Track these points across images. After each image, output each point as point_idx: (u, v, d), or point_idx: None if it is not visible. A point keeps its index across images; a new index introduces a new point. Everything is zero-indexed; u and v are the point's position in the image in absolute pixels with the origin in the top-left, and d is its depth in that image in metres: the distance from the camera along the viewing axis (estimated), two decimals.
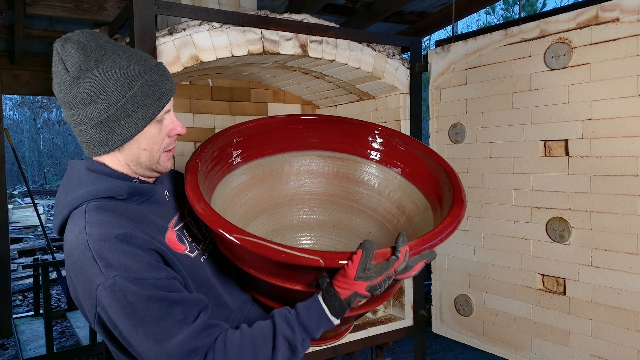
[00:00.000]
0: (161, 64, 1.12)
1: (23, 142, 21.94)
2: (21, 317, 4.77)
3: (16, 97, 20.38)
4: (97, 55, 1.02)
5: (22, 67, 4.74)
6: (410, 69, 2.94)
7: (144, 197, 1.13)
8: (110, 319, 0.97)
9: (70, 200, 1.07)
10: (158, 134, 1.10)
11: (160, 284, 0.99)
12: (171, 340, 0.96)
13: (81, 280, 0.99)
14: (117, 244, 0.98)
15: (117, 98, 1.02)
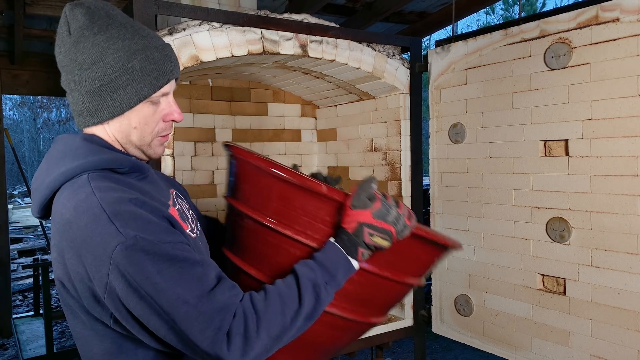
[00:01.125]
0: (169, 46, 1.08)
1: (23, 142, 21.94)
2: (21, 317, 4.76)
3: (16, 97, 20.38)
4: (103, 23, 0.99)
5: (22, 67, 4.74)
6: (410, 69, 2.93)
7: (142, 174, 1.08)
8: (129, 282, 0.88)
9: (64, 171, 0.98)
10: (151, 115, 1.05)
11: (178, 247, 0.94)
12: (200, 297, 0.91)
13: (90, 246, 0.89)
14: (133, 207, 0.92)
15: (113, 69, 0.98)
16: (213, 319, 0.91)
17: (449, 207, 2.76)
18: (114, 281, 0.88)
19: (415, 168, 3.00)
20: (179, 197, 1.20)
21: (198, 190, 3.63)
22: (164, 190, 1.14)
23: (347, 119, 3.40)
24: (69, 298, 0.99)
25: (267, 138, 3.63)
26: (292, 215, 1.17)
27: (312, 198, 1.15)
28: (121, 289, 0.89)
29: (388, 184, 3.10)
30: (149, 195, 1.01)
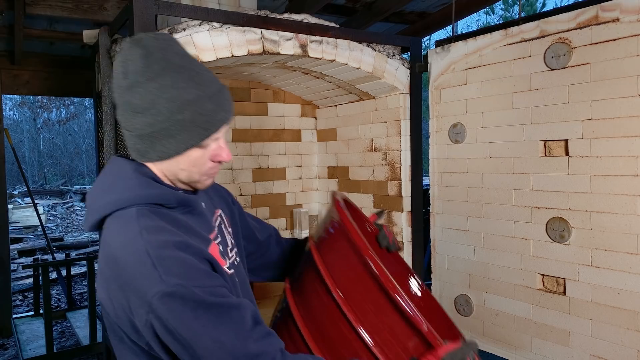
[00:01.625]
0: (224, 89, 1.08)
1: (23, 142, 21.93)
2: (21, 317, 4.76)
3: (16, 97, 20.37)
4: (159, 68, 1.00)
5: (22, 67, 4.73)
6: (410, 69, 2.93)
7: (189, 207, 1.11)
8: (166, 326, 0.93)
9: (115, 200, 1.04)
10: (200, 158, 1.07)
11: (217, 292, 0.97)
12: (234, 343, 0.95)
13: (132, 286, 0.95)
14: (176, 252, 0.96)
15: (163, 117, 1.00)
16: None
17: (449, 207, 2.76)
18: (153, 321, 0.94)
19: (415, 168, 3.00)
20: (223, 220, 1.24)
21: None
22: (209, 220, 1.16)
23: (347, 119, 3.40)
24: (109, 317, 1.04)
25: (267, 138, 3.64)
26: (377, 325, 1.14)
27: (407, 327, 1.11)
28: (158, 329, 0.94)
29: (388, 184, 3.10)
30: (192, 231, 1.05)
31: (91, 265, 4.15)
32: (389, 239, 1.54)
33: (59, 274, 5.34)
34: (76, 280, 6.65)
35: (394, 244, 1.55)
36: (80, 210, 14.29)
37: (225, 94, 1.08)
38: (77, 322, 4.54)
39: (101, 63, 2.57)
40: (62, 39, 4.24)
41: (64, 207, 14.44)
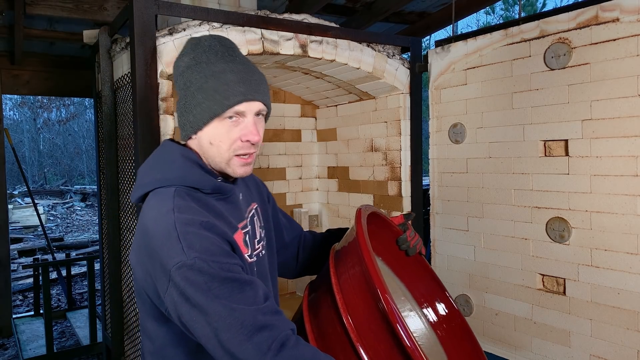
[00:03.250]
0: (256, 73, 1.16)
1: (23, 142, 21.93)
2: (21, 317, 4.76)
3: (16, 97, 20.37)
4: (201, 51, 1.15)
5: (22, 67, 4.73)
6: (410, 69, 2.94)
7: (224, 195, 1.20)
8: (183, 293, 1.02)
9: (158, 179, 1.15)
10: (226, 133, 1.14)
11: (233, 268, 1.05)
12: (245, 311, 1.01)
13: (158, 255, 1.05)
14: (201, 230, 1.06)
15: (193, 88, 1.13)
16: (253, 335, 1.00)
17: (449, 207, 2.76)
18: (172, 288, 1.03)
19: (415, 168, 3.00)
20: (257, 214, 1.33)
21: None
22: (242, 210, 1.25)
23: (347, 119, 3.40)
24: (137, 281, 1.15)
25: (267, 138, 3.63)
26: (380, 353, 1.13)
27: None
28: (176, 296, 1.03)
29: (388, 184, 3.10)
30: (222, 217, 1.15)
31: (91, 265, 4.15)
32: (410, 243, 1.50)
33: (59, 274, 5.34)
34: (76, 280, 6.65)
35: (414, 247, 1.51)
36: (80, 210, 14.29)
37: (255, 76, 1.16)
38: (77, 322, 4.54)
39: (101, 63, 2.57)
40: (62, 39, 4.24)
41: (64, 207, 14.44)
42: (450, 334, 1.56)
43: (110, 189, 2.56)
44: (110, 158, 2.57)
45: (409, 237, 1.50)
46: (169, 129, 2.25)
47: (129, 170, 2.42)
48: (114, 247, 2.58)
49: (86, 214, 13.79)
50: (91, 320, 3.93)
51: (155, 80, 2.15)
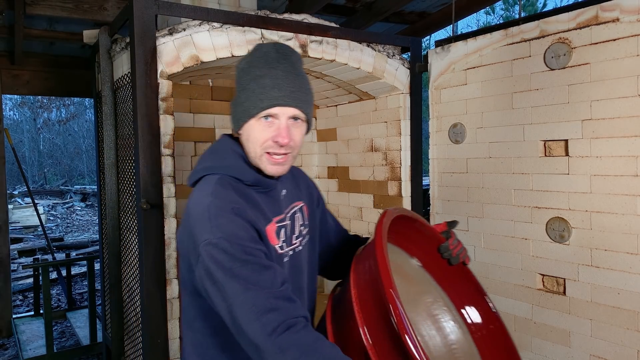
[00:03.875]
0: (291, 82, 1.24)
1: (23, 142, 21.92)
2: (21, 317, 4.76)
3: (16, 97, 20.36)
4: (257, 56, 1.27)
5: (22, 67, 4.73)
6: (410, 69, 2.93)
7: (264, 189, 1.30)
8: (207, 268, 1.12)
9: (208, 167, 1.29)
10: (260, 132, 1.24)
11: (255, 252, 1.14)
12: (258, 294, 1.08)
13: (194, 231, 1.17)
14: (231, 215, 1.16)
15: (239, 89, 1.27)
16: (261, 315, 1.07)
17: (449, 207, 2.76)
18: (200, 263, 1.14)
19: (415, 168, 3.00)
20: (302, 212, 1.42)
21: None
22: (279, 207, 1.33)
23: (347, 119, 3.40)
24: (180, 254, 1.28)
25: None
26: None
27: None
28: (202, 270, 1.14)
29: (388, 184, 3.10)
30: (257, 207, 1.25)
31: (91, 265, 4.15)
32: (452, 251, 1.46)
33: (59, 274, 5.34)
34: (76, 280, 6.65)
35: (456, 256, 1.47)
36: (80, 210, 14.29)
37: (293, 84, 1.25)
38: (77, 322, 4.54)
39: (101, 63, 2.57)
40: (62, 39, 4.23)
41: (64, 207, 14.44)
42: (489, 345, 1.52)
43: (111, 189, 2.56)
44: (110, 158, 2.57)
45: (452, 245, 1.47)
46: (169, 129, 2.25)
47: (129, 170, 2.42)
48: (114, 247, 2.58)
49: (86, 214, 13.78)
50: (91, 320, 3.93)
51: (155, 80, 2.15)
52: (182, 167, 3.52)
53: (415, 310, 1.58)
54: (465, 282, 1.56)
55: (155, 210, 2.15)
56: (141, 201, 2.11)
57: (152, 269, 2.15)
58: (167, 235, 2.23)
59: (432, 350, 1.55)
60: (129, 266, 2.49)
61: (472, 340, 1.55)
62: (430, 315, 1.58)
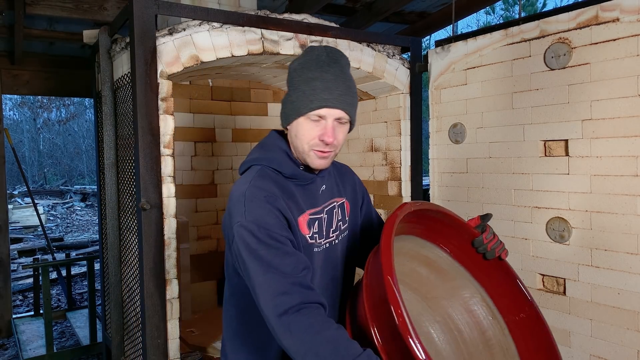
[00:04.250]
0: (341, 86, 1.33)
1: (23, 142, 21.92)
2: (21, 317, 4.76)
3: (16, 97, 20.36)
4: (310, 58, 1.34)
5: (22, 67, 4.73)
6: (410, 69, 2.93)
7: (301, 182, 1.40)
8: (237, 247, 1.25)
9: (254, 158, 1.41)
10: (308, 131, 1.33)
11: (280, 238, 1.24)
12: (276, 276, 1.18)
13: (231, 211, 1.30)
14: (263, 202, 1.27)
15: (293, 88, 1.34)
16: (276, 297, 1.16)
17: (449, 207, 2.75)
18: (234, 242, 1.27)
19: (415, 168, 2.99)
20: (343, 208, 1.50)
21: (198, 190, 3.64)
22: (316, 201, 1.42)
23: None
24: (224, 232, 1.37)
25: None
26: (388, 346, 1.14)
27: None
28: (235, 249, 1.27)
29: (388, 184, 3.10)
30: (292, 198, 1.35)
31: (91, 265, 4.15)
32: (487, 245, 1.46)
33: (59, 274, 5.34)
34: (76, 280, 6.65)
35: (492, 250, 1.46)
36: (80, 210, 14.29)
37: (341, 88, 1.33)
38: (77, 322, 4.54)
39: (101, 63, 2.57)
40: (62, 39, 4.23)
41: (64, 207, 14.44)
42: (527, 338, 1.50)
43: (111, 189, 2.56)
44: (110, 158, 2.57)
45: (486, 240, 1.46)
46: (169, 129, 2.25)
47: (129, 170, 2.42)
48: (113, 247, 2.58)
49: (86, 214, 13.78)
50: (91, 320, 3.93)
51: (155, 80, 2.15)
52: (182, 167, 3.52)
53: (452, 305, 1.58)
54: (503, 276, 1.53)
55: (155, 210, 2.15)
56: (141, 201, 2.11)
57: (152, 269, 2.15)
58: (167, 235, 2.23)
59: (468, 344, 1.56)
60: (129, 266, 2.49)
61: (509, 335, 1.53)
62: (467, 310, 1.58)
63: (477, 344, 1.55)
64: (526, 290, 1.51)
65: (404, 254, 1.53)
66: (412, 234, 1.48)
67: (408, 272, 1.56)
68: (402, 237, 1.44)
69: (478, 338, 1.55)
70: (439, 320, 1.59)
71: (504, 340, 1.52)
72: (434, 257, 1.55)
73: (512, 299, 1.52)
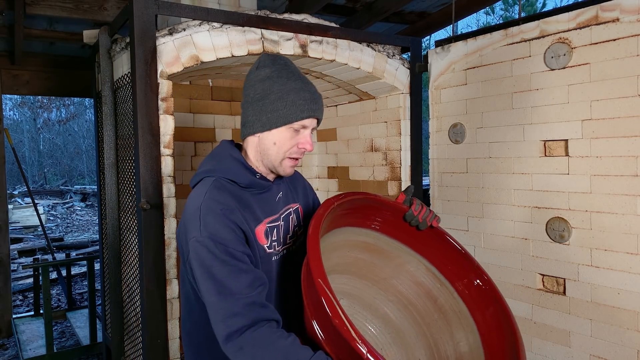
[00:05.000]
0: (320, 95, 1.37)
1: (23, 142, 21.93)
2: (21, 317, 4.76)
3: (16, 97, 20.36)
4: (281, 69, 1.34)
5: (22, 67, 4.73)
6: (410, 69, 2.93)
7: (258, 190, 1.38)
8: (192, 263, 1.24)
9: (207, 170, 1.37)
10: (289, 139, 1.34)
11: (236, 254, 1.22)
12: (228, 298, 1.17)
13: (186, 226, 1.28)
14: (219, 216, 1.24)
15: (275, 97, 1.31)
16: (227, 318, 1.16)
17: (449, 207, 2.76)
18: (189, 256, 1.26)
19: (415, 168, 2.99)
20: (298, 214, 1.49)
21: None
22: (273, 209, 1.41)
23: (347, 119, 3.40)
24: (179, 245, 1.36)
25: None
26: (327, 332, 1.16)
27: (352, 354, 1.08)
28: (189, 263, 1.26)
29: (388, 184, 3.10)
30: (249, 209, 1.34)
31: (91, 265, 4.15)
32: (418, 217, 1.51)
33: (59, 274, 5.34)
34: (76, 280, 6.65)
35: (424, 221, 1.52)
36: (80, 210, 14.29)
37: (320, 100, 1.36)
38: (77, 322, 4.54)
39: (101, 63, 2.57)
40: (62, 39, 4.23)
41: (64, 207, 14.44)
42: (477, 299, 1.55)
43: (111, 189, 2.56)
44: (110, 158, 2.57)
45: (415, 212, 1.51)
46: (169, 129, 2.25)
47: (129, 170, 2.42)
48: (114, 247, 2.58)
49: (86, 214, 13.78)
50: (91, 320, 3.93)
51: (155, 80, 2.15)
52: (182, 167, 3.52)
53: (400, 282, 1.64)
54: (440, 243, 1.59)
55: (155, 210, 2.15)
56: (141, 201, 2.11)
57: (152, 269, 2.15)
58: (167, 235, 2.23)
59: (423, 314, 1.62)
60: (129, 266, 2.49)
61: (459, 297, 1.58)
62: (416, 282, 1.63)
63: (431, 313, 1.61)
64: (464, 250, 1.59)
65: (342, 246, 1.56)
66: (346, 225, 1.52)
67: (352, 261, 1.60)
68: (336, 230, 1.47)
69: (431, 307, 1.61)
70: (392, 300, 1.64)
71: (455, 304, 1.58)
72: (373, 241, 1.60)
73: (454, 263, 1.59)
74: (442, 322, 1.60)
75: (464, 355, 1.52)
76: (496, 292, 1.52)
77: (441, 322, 1.60)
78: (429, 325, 1.61)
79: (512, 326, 1.43)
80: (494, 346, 1.47)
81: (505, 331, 1.45)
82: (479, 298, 1.55)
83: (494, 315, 1.50)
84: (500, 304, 1.50)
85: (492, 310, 1.50)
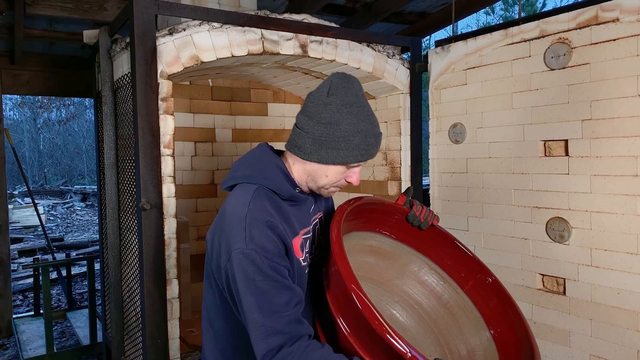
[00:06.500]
0: (381, 135, 1.35)
1: (23, 142, 21.92)
2: (21, 317, 4.76)
3: (16, 97, 20.36)
4: (352, 99, 1.29)
5: (22, 67, 4.73)
6: (410, 69, 2.93)
7: (296, 202, 1.38)
8: (233, 275, 1.21)
9: (248, 175, 1.35)
10: (341, 174, 1.34)
11: (279, 269, 1.22)
12: (270, 316, 1.17)
13: (227, 235, 1.24)
14: (264, 228, 1.23)
15: (340, 134, 1.27)
16: (267, 336, 1.17)
17: (449, 207, 2.76)
18: (229, 266, 1.22)
19: (415, 168, 3.00)
20: (321, 223, 1.50)
21: (198, 190, 3.64)
22: (307, 220, 1.42)
23: None
24: (208, 253, 1.35)
25: (267, 138, 3.63)
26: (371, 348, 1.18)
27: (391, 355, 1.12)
28: (230, 274, 1.22)
29: (388, 184, 3.10)
30: (289, 221, 1.33)
31: (91, 265, 4.15)
32: (420, 217, 1.54)
33: (59, 274, 5.34)
34: (76, 280, 6.65)
35: (425, 221, 1.55)
36: (80, 210, 14.29)
37: (380, 139, 1.35)
38: (77, 322, 4.53)
39: (101, 63, 2.57)
40: (62, 39, 4.23)
41: (64, 207, 14.44)
42: (481, 293, 1.58)
43: (111, 189, 2.56)
44: (110, 158, 2.57)
45: (417, 212, 1.54)
46: (169, 129, 2.25)
47: (129, 170, 2.42)
48: (114, 247, 2.58)
49: (86, 214, 13.78)
50: (91, 320, 3.93)
51: (155, 80, 2.15)
52: (182, 167, 3.52)
53: (405, 283, 1.67)
54: (441, 241, 1.63)
55: (155, 210, 2.15)
56: (141, 201, 2.11)
57: (152, 269, 2.15)
58: (167, 235, 2.23)
59: (429, 313, 1.65)
60: (129, 266, 2.49)
61: (463, 292, 1.62)
62: (420, 282, 1.66)
63: (437, 310, 1.64)
64: (464, 247, 1.61)
65: (349, 251, 1.60)
66: (352, 230, 1.55)
67: (358, 265, 1.63)
68: (344, 236, 1.50)
69: (437, 304, 1.65)
70: (397, 300, 1.67)
71: (460, 299, 1.62)
72: (377, 244, 1.63)
73: (455, 259, 1.62)
74: (449, 318, 1.62)
75: (476, 348, 1.54)
76: (497, 282, 1.56)
77: (448, 318, 1.62)
78: (437, 322, 1.63)
79: (518, 315, 1.46)
80: (505, 337, 1.49)
81: (512, 320, 1.47)
82: (482, 290, 1.57)
83: (498, 306, 1.52)
84: (503, 294, 1.53)
85: (495, 301, 1.53)
